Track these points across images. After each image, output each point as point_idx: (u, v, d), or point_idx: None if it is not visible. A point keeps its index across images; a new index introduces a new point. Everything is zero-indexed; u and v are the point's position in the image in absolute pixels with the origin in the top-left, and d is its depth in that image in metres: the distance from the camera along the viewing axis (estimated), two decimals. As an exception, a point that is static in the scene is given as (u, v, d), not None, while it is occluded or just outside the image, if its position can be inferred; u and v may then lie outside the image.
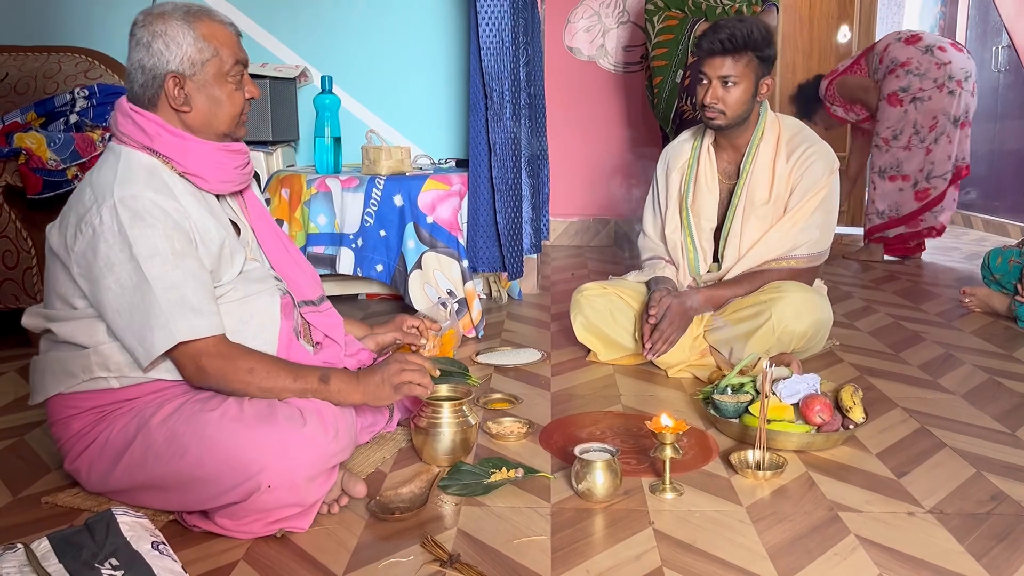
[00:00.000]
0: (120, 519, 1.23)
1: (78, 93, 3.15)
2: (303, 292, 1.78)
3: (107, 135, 2.93)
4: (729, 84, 2.28)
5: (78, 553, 1.16)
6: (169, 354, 1.48)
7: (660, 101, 3.66)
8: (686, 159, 2.53)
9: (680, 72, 3.59)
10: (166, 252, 1.45)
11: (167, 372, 1.52)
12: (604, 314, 2.47)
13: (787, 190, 2.39)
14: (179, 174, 1.55)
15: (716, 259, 2.50)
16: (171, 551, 1.26)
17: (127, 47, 1.54)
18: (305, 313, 1.77)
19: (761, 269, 2.38)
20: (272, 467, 1.38)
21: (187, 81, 1.52)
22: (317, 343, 1.79)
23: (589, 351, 2.55)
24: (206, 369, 1.48)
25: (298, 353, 1.67)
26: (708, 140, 2.49)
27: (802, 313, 2.25)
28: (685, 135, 2.62)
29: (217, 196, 1.64)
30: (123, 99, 1.56)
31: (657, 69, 3.64)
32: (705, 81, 2.32)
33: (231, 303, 1.57)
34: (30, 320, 1.60)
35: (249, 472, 1.38)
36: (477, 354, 2.58)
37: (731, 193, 2.45)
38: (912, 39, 4.14)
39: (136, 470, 1.48)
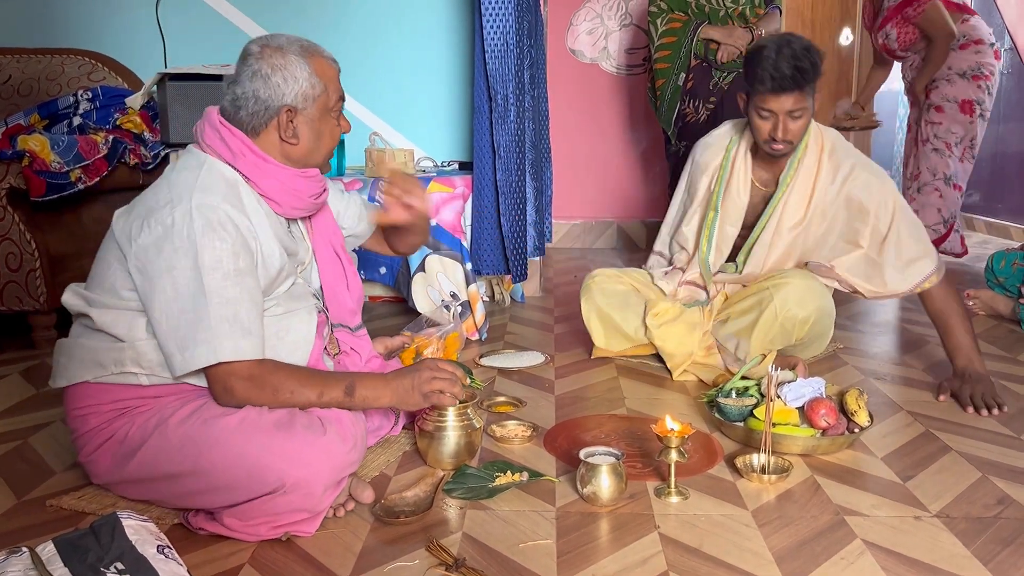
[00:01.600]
0: (126, 523, 1.23)
1: (81, 95, 3.16)
2: (343, 317, 1.83)
3: (111, 137, 2.93)
4: (797, 116, 2.19)
5: (83, 556, 1.16)
6: (204, 369, 1.48)
7: (662, 104, 3.66)
8: (719, 161, 2.43)
9: (683, 75, 3.59)
10: (229, 267, 1.46)
11: (195, 378, 1.52)
12: (616, 300, 2.46)
13: (826, 210, 2.30)
14: (256, 193, 1.58)
15: (730, 259, 2.45)
16: (176, 555, 1.26)
17: (238, 72, 1.56)
18: (338, 334, 1.81)
19: (947, 306, 2.22)
20: (290, 476, 1.38)
21: (298, 115, 1.56)
22: (339, 353, 1.81)
23: (591, 350, 2.55)
24: (234, 390, 1.48)
25: (321, 367, 1.69)
26: (746, 144, 2.38)
27: (805, 299, 2.24)
28: (720, 131, 2.49)
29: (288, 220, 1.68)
30: (213, 111, 1.59)
31: (660, 71, 3.64)
32: (768, 115, 2.19)
33: (272, 317, 1.59)
34: (71, 299, 1.58)
35: (266, 480, 1.38)
36: (480, 357, 2.58)
37: (764, 201, 2.37)
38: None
39: (148, 467, 1.48)
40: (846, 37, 5.54)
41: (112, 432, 1.53)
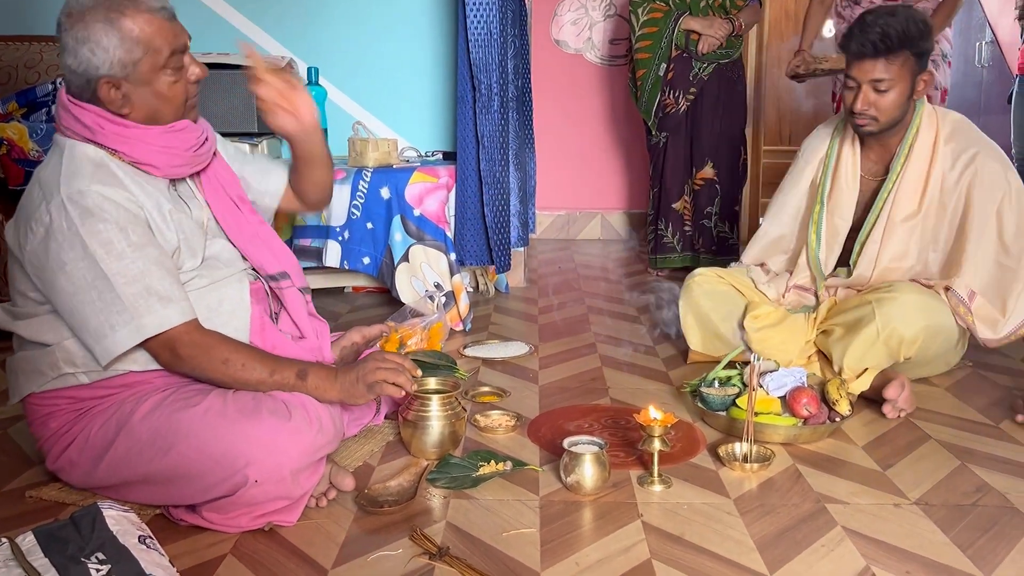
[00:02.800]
0: (106, 513, 1.22)
1: (60, 83, 3.11)
2: (271, 264, 1.71)
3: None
4: (883, 88, 2.04)
5: (64, 547, 1.15)
6: (143, 345, 1.45)
7: (643, 94, 3.66)
8: (824, 151, 2.28)
9: (664, 65, 3.59)
10: (123, 246, 1.41)
11: (134, 363, 1.49)
12: (717, 302, 2.29)
13: (946, 201, 2.11)
14: (129, 163, 1.49)
15: (844, 263, 2.27)
16: (158, 545, 1.25)
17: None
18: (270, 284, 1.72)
19: None
20: (258, 461, 1.37)
21: (123, 82, 1.44)
22: (301, 337, 1.75)
23: (687, 353, 2.41)
24: (181, 356, 1.46)
25: (273, 337, 1.65)
26: (852, 132, 2.22)
27: (911, 316, 2.00)
28: (827, 123, 2.37)
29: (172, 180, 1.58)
30: (62, 91, 1.49)
31: (640, 61, 3.64)
32: (853, 85, 2.07)
33: (198, 291, 1.55)
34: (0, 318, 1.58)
35: (235, 467, 1.37)
36: (464, 347, 2.58)
37: (875, 194, 2.20)
38: None
39: (120, 467, 1.46)
40: (828, 29, 5.56)
41: (74, 436, 1.51)
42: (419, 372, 1.63)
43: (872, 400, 2.05)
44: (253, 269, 1.69)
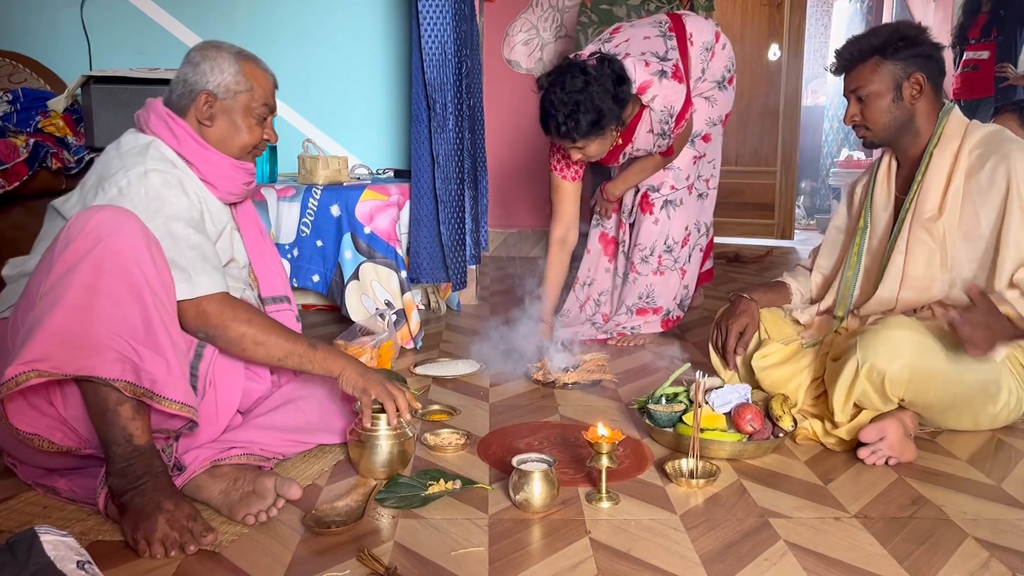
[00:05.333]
0: (44, 538, 1.19)
1: (1, 97, 3.05)
2: (273, 287, 1.96)
3: (32, 140, 2.84)
4: (862, 96, 2.02)
5: (-2, 574, 1.12)
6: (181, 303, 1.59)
7: None
8: (867, 180, 2.22)
9: None
10: (187, 216, 1.63)
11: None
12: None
13: (979, 206, 1.94)
14: (196, 176, 1.73)
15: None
16: (97, 570, 1.23)
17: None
18: (266, 307, 1.92)
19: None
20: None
21: (217, 102, 1.73)
22: None
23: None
24: (207, 312, 1.60)
25: (228, 359, 1.73)
26: (888, 154, 2.16)
27: (896, 350, 1.82)
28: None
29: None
30: (158, 102, 1.74)
31: None
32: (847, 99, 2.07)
33: None
34: (10, 271, 1.67)
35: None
36: (415, 365, 2.58)
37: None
38: None
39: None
40: (773, 53, 5.71)
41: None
42: (419, 407, 1.80)
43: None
44: (254, 290, 1.89)
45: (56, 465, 1.63)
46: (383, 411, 1.76)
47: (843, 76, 2.07)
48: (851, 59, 2.03)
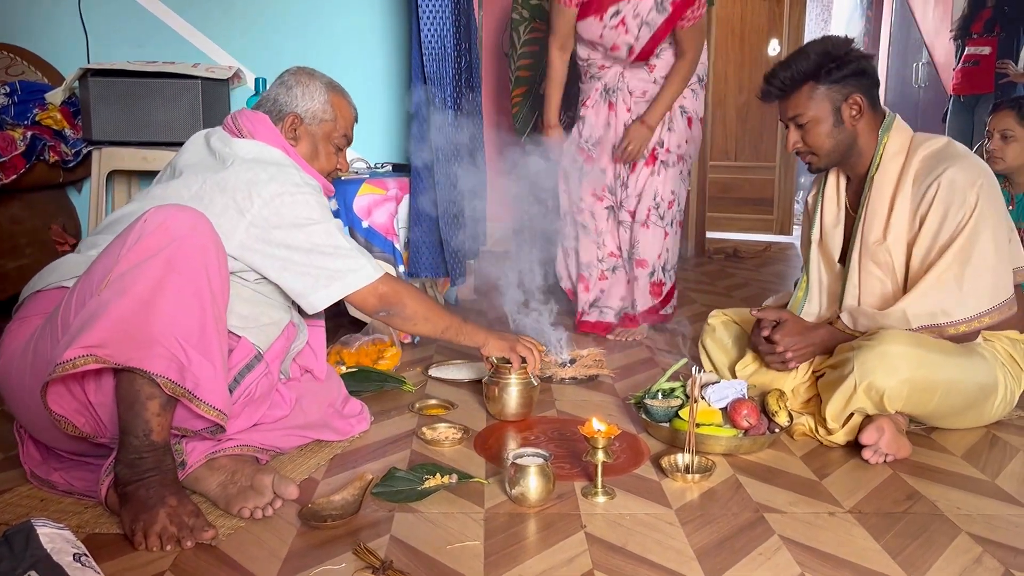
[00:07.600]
0: (40, 531, 1.20)
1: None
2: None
3: (29, 133, 2.84)
4: (802, 123, 1.99)
5: (-5, 567, 1.13)
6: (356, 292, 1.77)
7: (521, 111, 3.70)
8: (815, 192, 2.20)
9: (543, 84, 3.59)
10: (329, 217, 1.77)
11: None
12: (728, 342, 2.31)
13: (910, 229, 1.96)
14: None
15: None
16: (94, 563, 1.23)
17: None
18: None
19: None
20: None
21: (302, 125, 1.84)
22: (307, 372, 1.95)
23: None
24: (386, 293, 1.80)
25: (271, 379, 1.74)
26: (835, 171, 2.14)
27: (893, 367, 1.80)
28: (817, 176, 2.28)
29: None
30: (263, 115, 1.83)
31: (519, 79, 3.70)
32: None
33: (257, 295, 1.73)
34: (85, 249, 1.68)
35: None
36: (428, 368, 2.56)
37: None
38: None
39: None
40: (773, 48, 5.70)
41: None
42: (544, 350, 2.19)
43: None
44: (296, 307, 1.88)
45: (66, 448, 1.64)
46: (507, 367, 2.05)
47: (778, 104, 2.04)
48: (783, 86, 1.99)
